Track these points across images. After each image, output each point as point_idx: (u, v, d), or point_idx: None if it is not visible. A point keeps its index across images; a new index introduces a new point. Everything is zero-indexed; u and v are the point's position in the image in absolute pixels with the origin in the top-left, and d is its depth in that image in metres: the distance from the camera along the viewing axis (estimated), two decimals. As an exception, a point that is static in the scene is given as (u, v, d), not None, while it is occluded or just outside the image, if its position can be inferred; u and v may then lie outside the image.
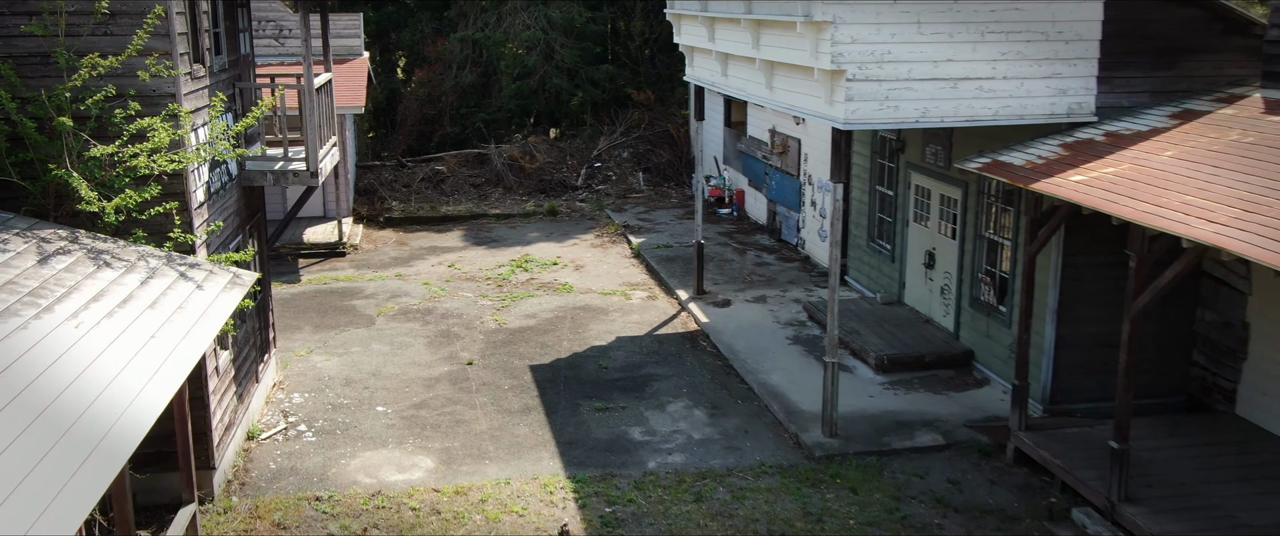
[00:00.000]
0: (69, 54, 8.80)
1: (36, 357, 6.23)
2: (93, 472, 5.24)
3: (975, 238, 13.77)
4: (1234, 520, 9.26)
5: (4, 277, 7.21)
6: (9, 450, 5.14)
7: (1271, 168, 8.84)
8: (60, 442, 5.43)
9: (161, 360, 6.81)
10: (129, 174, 8.95)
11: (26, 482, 4.91)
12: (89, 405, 5.91)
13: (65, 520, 4.75)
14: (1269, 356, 11.07)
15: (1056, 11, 10.89)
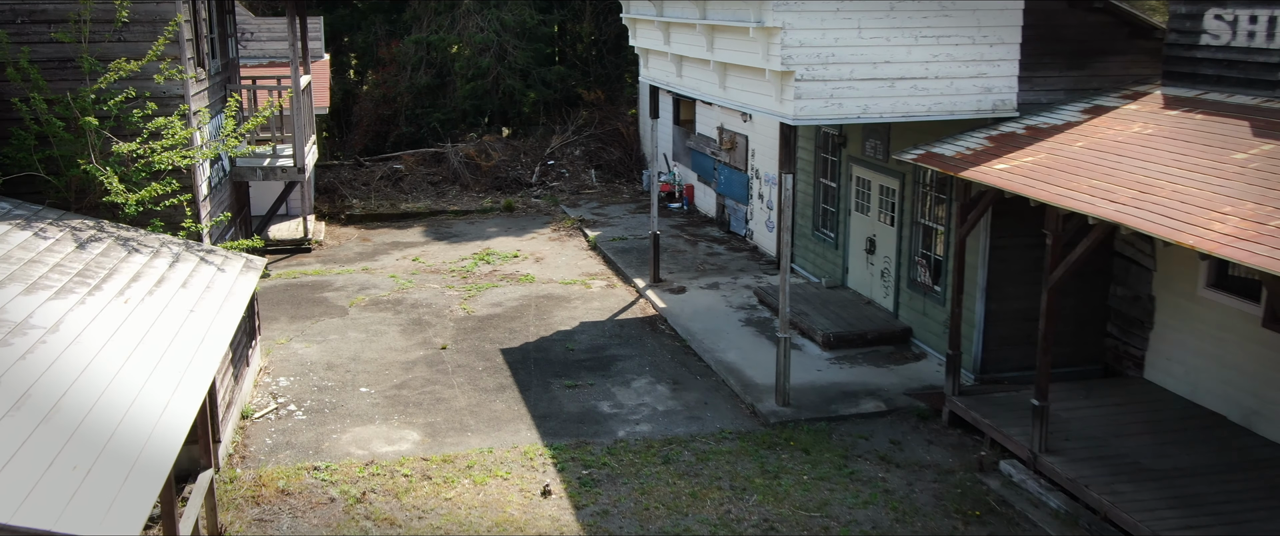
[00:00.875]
0: (92, 59, 9.60)
1: (102, 328, 7.09)
2: (184, 400, 6.14)
3: (912, 224, 15.00)
4: (1139, 466, 10.54)
5: (52, 260, 8.04)
6: (130, 371, 6.04)
7: (1167, 155, 10.12)
8: (150, 380, 6.32)
9: (204, 331, 7.70)
10: (146, 169, 9.77)
11: (149, 399, 5.81)
12: (160, 357, 6.80)
13: (187, 405, 5.66)
14: (1171, 326, 12.41)
15: (981, 18, 12.12)
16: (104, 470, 5.32)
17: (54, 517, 4.70)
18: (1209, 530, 9.31)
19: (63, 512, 4.77)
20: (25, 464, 5.13)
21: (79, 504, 4.89)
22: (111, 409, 6.02)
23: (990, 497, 10.75)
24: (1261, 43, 11.02)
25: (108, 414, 5.96)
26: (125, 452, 5.59)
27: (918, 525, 10.21)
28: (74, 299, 7.43)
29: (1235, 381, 11.54)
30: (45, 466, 5.16)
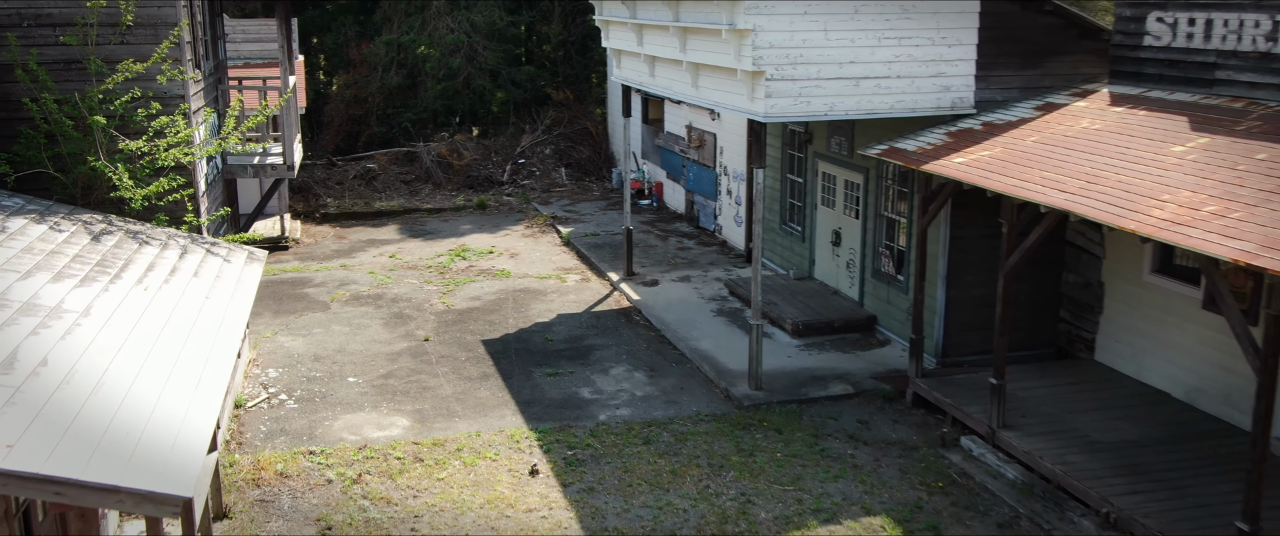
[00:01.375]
0: (98, 61, 10.05)
1: (128, 312, 7.59)
2: (216, 371, 6.66)
3: (876, 217, 15.71)
4: (1089, 439, 11.28)
5: (71, 251, 8.51)
6: (159, 352, 6.54)
7: (1112, 149, 10.86)
8: (185, 351, 6.83)
9: (221, 316, 8.20)
10: (150, 165, 10.23)
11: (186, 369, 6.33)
12: (188, 334, 7.31)
13: (219, 376, 6.18)
14: (1120, 310, 13.19)
15: (940, 20, 12.83)
16: (158, 428, 5.84)
17: (135, 465, 5.22)
18: (1153, 495, 10.05)
19: (139, 465, 5.29)
20: (91, 425, 5.66)
21: (150, 453, 5.41)
22: (151, 382, 6.53)
23: (952, 470, 11.46)
24: (1199, 44, 11.81)
25: (148, 387, 6.46)
26: (169, 421, 6.11)
27: (885, 496, 10.88)
28: (98, 286, 7.91)
29: (1178, 361, 12.32)
30: (103, 428, 5.67)
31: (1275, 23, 10.88)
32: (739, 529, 10.25)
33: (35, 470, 5.11)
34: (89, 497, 5.23)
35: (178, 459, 5.67)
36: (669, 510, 10.64)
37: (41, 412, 5.67)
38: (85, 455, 5.36)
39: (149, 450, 5.68)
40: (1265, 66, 11.04)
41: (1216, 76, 11.61)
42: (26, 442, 5.32)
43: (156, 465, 5.52)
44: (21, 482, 5.11)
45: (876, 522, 10.34)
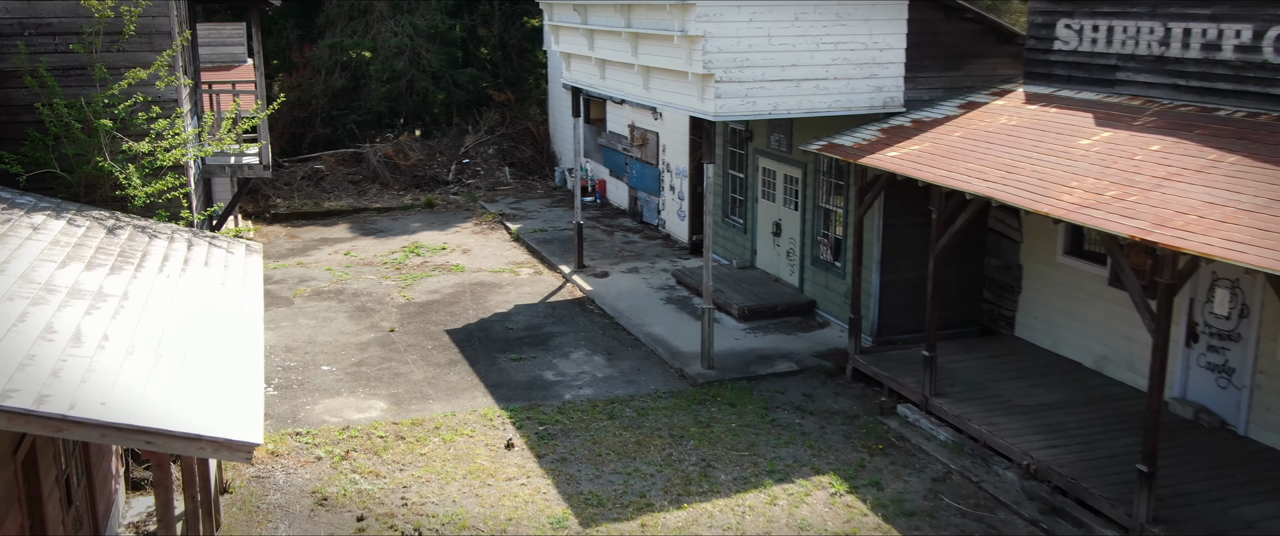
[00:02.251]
0: (104, 68, 10.75)
1: (160, 295, 8.39)
2: (251, 338, 7.50)
3: (814, 209, 16.91)
4: (1010, 403, 12.57)
5: (93, 243, 9.26)
6: (199, 328, 7.37)
7: (1028, 142, 12.15)
8: (220, 327, 7.66)
9: (241, 298, 9.03)
10: (150, 164, 10.97)
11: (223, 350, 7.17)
12: (218, 314, 8.14)
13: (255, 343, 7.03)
14: (1036, 289, 14.54)
15: (872, 27, 14.04)
16: (218, 390, 6.70)
17: (209, 417, 6.08)
18: (1067, 449, 11.34)
19: (206, 418, 6.14)
20: (166, 379, 6.51)
21: (217, 407, 6.26)
22: (201, 352, 7.37)
23: (890, 434, 12.66)
24: (1102, 48, 13.17)
25: (200, 356, 7.30)
26: (225, 383, 6.96)
27: (831, 458, 12.03)
28: (127, 274, 8.68)
29: (1088, 333, 13.69)
30: (174, 390, 6.51)
31: (1167, 30, 12.26)
32: (702, 489, 11.31)
33: (133, 422, 5.95)
34: (175, 445, 6.08)
35: (242, 413, 6.54)
36: (637, 475, 11.67)
37: (117, 378, 6.48)
38: (165, 411, 6.20)
39: (216, 407, 6.53)
40: (1159, 68, 12.41)
41: (1117, 77, 12.98)
42: (114, 401, 6.14)
43: (226, 418, 6.38)
44: (120, 433, 5.94)
45: (825, 480, 11.48)
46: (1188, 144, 10.80)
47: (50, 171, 10.69)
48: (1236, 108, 11.43)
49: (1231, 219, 8.93)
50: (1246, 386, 11.58)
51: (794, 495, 11.14)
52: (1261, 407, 11.46)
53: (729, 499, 11.08)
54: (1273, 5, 11.06)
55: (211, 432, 6.10)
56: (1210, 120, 11.33)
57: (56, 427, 5.82)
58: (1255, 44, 11.26)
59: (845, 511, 10.80)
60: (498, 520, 10.70)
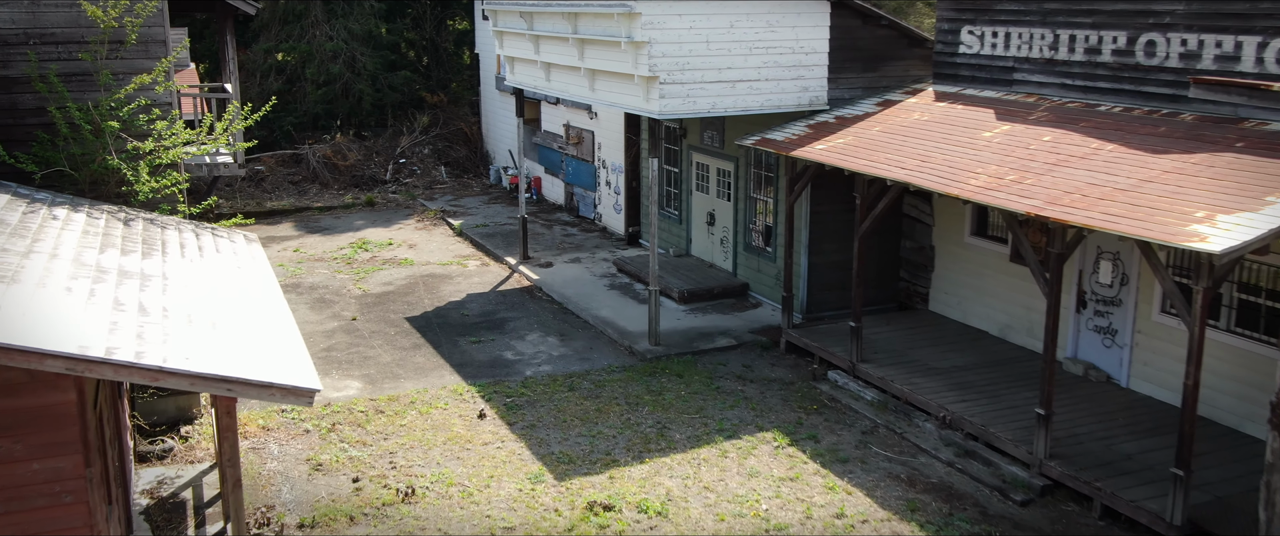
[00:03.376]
0: (108, 74, 11.71)
1: (192, 276, 9.48)
2: (284, 325, 8.63)
3: (746, 199, 18.42)
4: (927, 367, 14.20)
5: (118, 233, 10.28)
6: (238, 301, 8.48)
7: (938, 135, 13.78)
8: (253, 300, 8.77)
9: (258, 277, 10.14)
10: (151, 162, 11.96)
11: (261, 319, 8.30)
12: (245, 290, 9.26)
13: (287, 312, 8.18)
14: (947, 267, 16.24)
15: (799, 34, 15.57)
16: (273, 349, 7.85)
17: (274, 369, 7.23)
18: (976, 402, 12.98)
19: (271, 369, 7.30)
20: (225, 342, 7.63)
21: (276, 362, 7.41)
22: (248, 321, 8.50)
23: (822, 396, 14.20)
24: (1001, 51, 14.89)
25: (248, 323, 8.44)
26: (276, 343, 8.11)
27: (772, 417, 13.52)
28: (157, 258, 9.74)
29: (992, 305, 15.41)
30: (238, 350, 7.65)
31: (1056, 36, 14.01)
32: (660, 446, 12.69)
33: (217, 372, 7.09)
34: (252, 391, 7.23)
35: (298, 367, 7.71)
36: (601, 437, 13.00)
37: (188, 340, 7.59)
38: (238, 364, 7.35)
39: (275, 362, 7.69)
40: (1049, 69, 14.16)
41: (1014, 77, 14.71)
42: (195, 357, 7.26)
43: (288, 370, 7.54)
44: (206, 381, 7.07)
45: (768, 436, 12.95)
46: (1074, 134, 12.52)
47: (60, 170, 11.61)
48: (1114, 103, 13.21)
49: (1109, 196, 10.60)
50: (1127, 345, 13.37)
51: (742, 448, 12.59)
52: (1140, 363, 13.25)
53: (685, 453, 12.48)
54: (1142, 16, 12.85)
55: (281, 381, 7.29)
56: (1093, 114, 13.08)
57: (154, 377, 6.95)
58: (1129, 49, 13.05)
59: (788, 460, 12.28)
60: (481, 478, 11.94)
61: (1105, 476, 11.01)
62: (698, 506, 11.21)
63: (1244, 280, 11.90)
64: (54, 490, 7.23)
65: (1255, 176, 10.13)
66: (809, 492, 11.49)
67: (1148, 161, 11.21)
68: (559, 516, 11.02)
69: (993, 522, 10.85)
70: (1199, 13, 12.19)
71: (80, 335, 7.02)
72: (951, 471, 12.02)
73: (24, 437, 7.09)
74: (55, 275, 8.25)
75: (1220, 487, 10.66)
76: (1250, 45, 11.63)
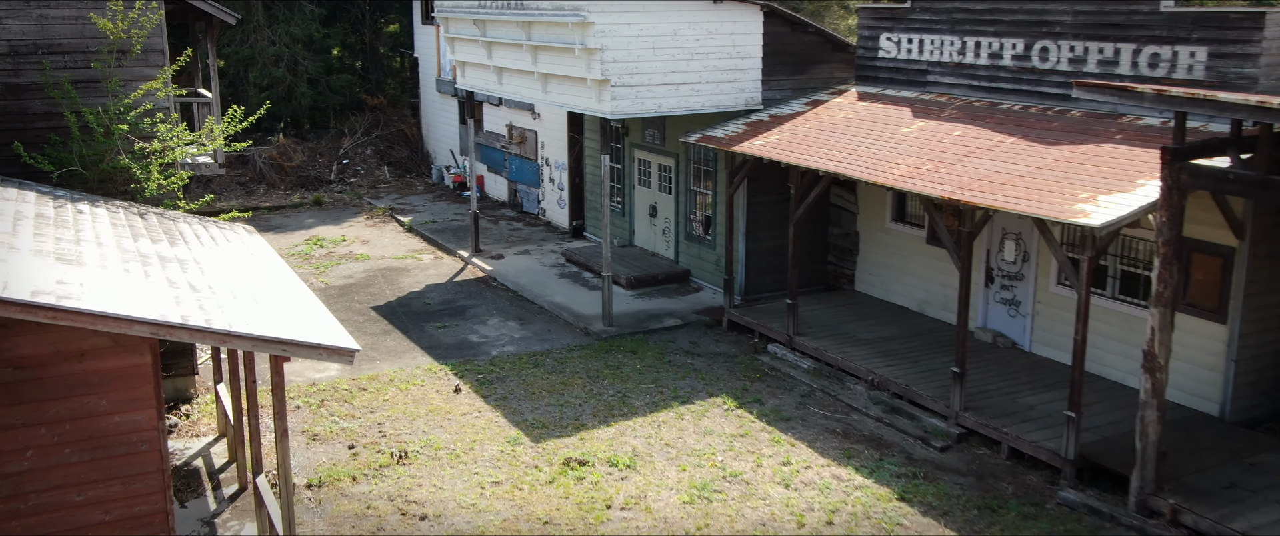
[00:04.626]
0: (117, 81, 12.79)
1: (220, 258, 10.70)
2: (308, 299, 9.89)
3: (687, 192, 19.99)
4: (856, 338, 15.91)
5: (139, 225, 11.42)
6: (266, 280, 9.72)
7: (862, 131, 15.49)
8: (275, 280, 10.01)
9: (271, 263, 11.37)
10: (157, 162, 13.07)
11: (288, 295, 9.56)
12: (266, 272, 10.50)
13: (312, 302, 9.45)
14: (870, 251, 17.99)
15: (735, 41, 17.17)
16: (311, 317, 9.14)
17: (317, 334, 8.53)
18: (900, 366, 14.71)
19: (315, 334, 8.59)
20: (269, 313, 8.91)
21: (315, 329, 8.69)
22: (280, 296, 9.76)
23: (764, 367, 15.81)
24: (916, 56, 16.67)
25: (282, 298, 9.69)
26: (311, 313, 9.39)
27: (721, 385, 15.08)
28: (182, 246, 10.92)
29: (911, 283, 17.20)
30: (285, 316, 8.93)
31: (964, 43, 15.81)
32: (623, 411, 14.17)
33: (275, 335, 8.37)
34: (303, 351, 8.52)
35: (336, 332, 9.02)
36: (568, 405, 14.43)
37: (239, 310, 8.84)
38: (286, 330, 8.63)
39: (316, 328, 8.98)
40: (958, 72, 15.97)
41: (928, 79, 16.50)
42: (253, 324, 8.52)
43: (329, 334, 8.85)
44: (266, 343, 8.34)
45: (718, 400, 14.52)
46: (980, 129, 14.31)
47: (73, 169, 12.67)
48: (1014, 102, 15.04)
49: (1010, 182, 12.37)
50: (1029, 314, 15.23)
51: (696, 411, 14.14)
52: (1040, 329, 15.11)
53: (645, 417, 13.99)
54: (1037, 26, 14.70)
55: (327, 342, 8.61)
56: (996, 112, 14.90)
57: (225, 340, 8.22)
58: (1026, 54, 14.89)
59: (737, 420, 13.85)
60: (465, 442, 13.29)
61: (1011, 423, 12.79)
62: (661, 460, 12.72)
63: (1124, 253, 13.80)
64: (133, 440, 8.45)
65: (1130, 163, 11.97)
66: (758, 445, 13.08)
67: (1042, 152, 13.02)
68: (540, 471, 12.44)
69: (917, 465, 12.55)
70: (1084, 24, 14.07)
71: (155, 306, 8.26)
72: (880, 425, 13.72)
73: (108, 395, 8.31)
74: (109, 259, 9.43)
75: (1106, 429, 12.50)
76: (1126, 52, 13.53)
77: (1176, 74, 13.01)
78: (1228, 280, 12.56)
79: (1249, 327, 12.55)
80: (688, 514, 11.39)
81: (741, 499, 11.72)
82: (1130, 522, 10.92)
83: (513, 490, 11.99)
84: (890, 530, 11.01)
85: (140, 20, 12.89)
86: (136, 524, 8.61)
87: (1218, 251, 12.58)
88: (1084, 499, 11.40)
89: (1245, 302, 12.45)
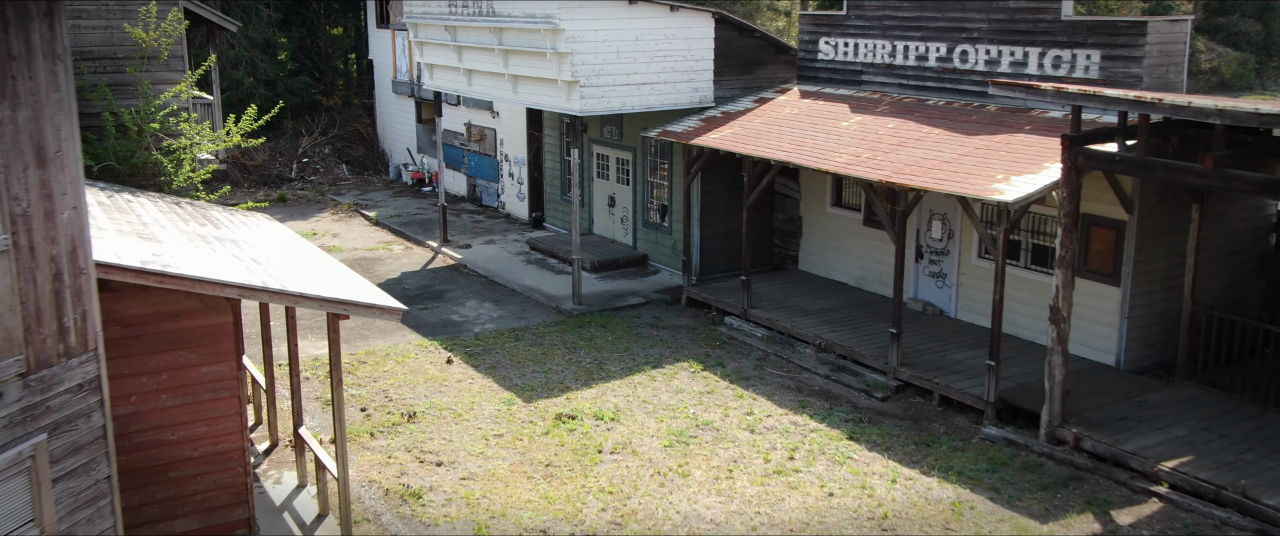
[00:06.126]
0: (148, 83, 14.22)
1: (258, 238, 12.24)
2: (345, 272, 11.48)
3: (644, 183, 21.81)
4: (803, 309, 17.89)
5: (181, 212, 12.91)
6: (305, 256, 11.29)
7: (806, 125, 17.46)
8: (320, 264, 11.59)
9: (300, 243, 12.93)
10: (183, 157, 14.52)
11: (328, 268, 11.16)
12: (299, 250, 12.08)
13: (348, 273, 11.07)
14: (812, 234, 20.00)
15: (690, 46, 19.05)
16: (357, 285, 10.76)
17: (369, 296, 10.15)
18: (843, 332, 16.70)
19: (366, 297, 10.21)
20: (321, 279, 10.53)
21: (364, 293, 10.31)
22: (324, 270, 11.36)
23: (722, 336, 17.71)
24: (851, 58, 18.70)
25: (326, 272, 11.29)
26: (354, 282, 11.01)
27: (686, 352, 16.94)
28: (225, 229, 12.44)
29: (850, 262, 19.24)
30: (337, 284, 10.54)
31: (894, 46, 17.88)
32: (601, 376, 15.95)
33: (336, 297, 9.98)
34: (359, 310, 10.13)
35: (382, 296, 10.65)
36: (552, 372, 16.17)
37: (300, 278, 10.42)
38: (343, 293, 10.25)
39: (365, 292, 10.60)
40: (889, 72, 18.03)
41: (862, 78, 18.54)
42: (317, 288, 10.12)
43: (377, 297, 10.48)
44: (328, 303, 9.93)
45: (685, 364, 16.37)
46: (910, 123, 16.36)
47: (108, 164, 14.08)
48: (939, 98, 17.14)
49: (938, 167, 14.41)
50: (954, 285, 17.34)
51: (666, 374, 15.97)
52: (964, 299, 17.23)
53: (622, 380, 15.78)
54: (957, 32, 16.80)
55: (380, 302, 10.27)
56: (924, 107, 16.97)
57: (296, 300, 9.84)
58: (949, 56, 16.99)
59: (704, 380, 15.72)
60: (464, 403, 14.96)
61: (941, 375, 14.84)
62: (640, 413, 14.53)
63: (1034, 229, 15.94)
64: (216, 387, 10.02)
65: (1037, 150, 14.09)
66: (723, 400, 14.96)
67: (964, 141, 15.09)
68: (535, 425, 14.16)
69: (862, 412, 14.53)
70: (997, 30, 16.20)
71: (234, 273, 9.85)
72: (828, 382, 15.69)
73: (197, 349, 9.88)
74: (177, 238, 10.97)
75: (1021, 378, 14.61)
76: (1033, 55, 15.68)
77: (1075, 73, 15.19)
78: (1120, 249, 14.74)
79: (1138, 289, 14.76)
80: (669, 454, 13.22)
81: (714, 442, 13.58)
82: (1041, 450, 13.01)
83: (514, 440, 13.70)
84: (842, 462, 12.96)
85: (168, 30, 14.32)
86: (219, 459, 10.18)
87: (1112, 225, 14.77)
88: (1003, 433, 13.47)
89: (1135, 268, 14.65)
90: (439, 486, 12.45)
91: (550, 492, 12.27)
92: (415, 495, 12.22)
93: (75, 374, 6.92)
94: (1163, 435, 12.72)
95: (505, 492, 12.28)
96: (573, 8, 17.83)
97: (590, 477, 12.63)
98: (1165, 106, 11.25)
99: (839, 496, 12.11)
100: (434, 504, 12.03)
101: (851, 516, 11.66)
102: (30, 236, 6.50)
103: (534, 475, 12.72)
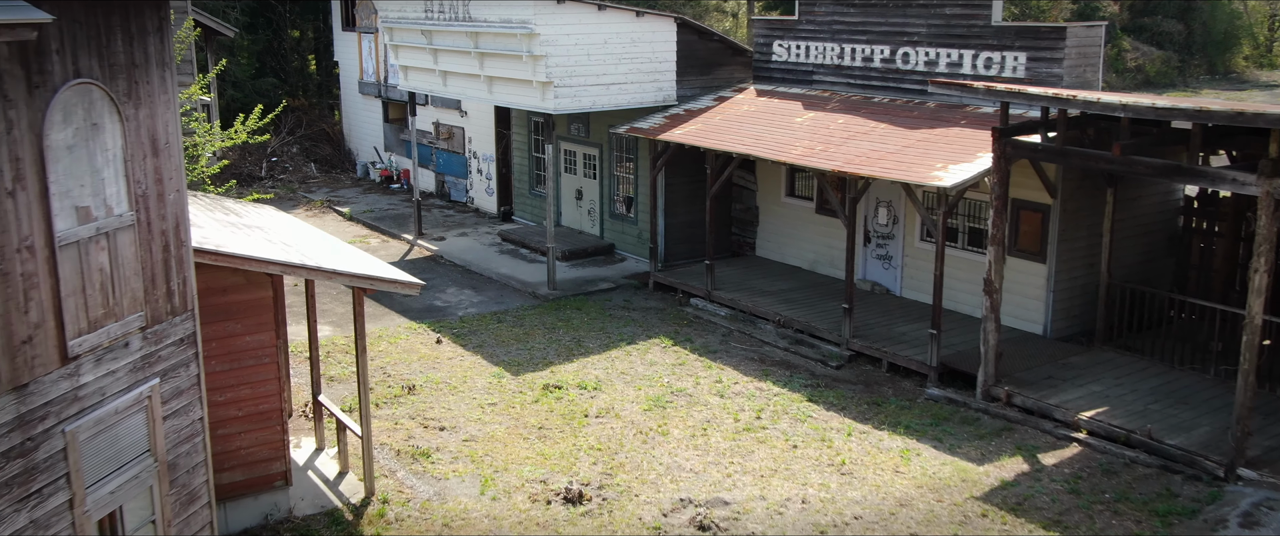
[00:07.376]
0: (162, 86, 15.40)
1: (277, 224, 13.54)
2: (361, 254, 12.82)
3: (610, 177, 23.30)
4: (762, 291, 19.49)
5: (204, 202, 14.16)
6: (324, 241, 12.61)
7: (764, 121, 19.05)
8: (338, 247, 12.89)
9: (316, 231, 14.24)
10: (196, 153, 15.73)
11: (346, 250, 12.49)
12: (315, 236, 13.40)
13: (364, 255, 12.42)
14: (768, 222, 21.63)
15: (655, 49, 20.57)
16: (374, 265, 12.10)
17: (390, 274, 11.51)
18: (800, 309, 18.33)
19: (386, 273, 11.57)
20: (345, 259, 11.87)
21: (385, 271, 11.65)
22: (344, 254, 12.69)
23: (689, 316, 19.26)
24: (803, 59, 20.34)
25: (347, 256, 12.62)
26: (369, 261, 12.36)
27: (657, 330, 18.45)
28: (246, 217, 13.72)
29: (804, 247, 20.89)
30: (358, 264, 11.88)
31: (842, 48, 19.55)
32: (581, 352, 17.41)
33: (363, 272, 11.33)
34: (383, 285, 11.48)
35: (400, 273, 12.02)
36: (535, 349, 17.60)
37: (327, 258, 11.75)
38: (369, 269, 11.60)
39: (385, 271, 11.95)
40: (838, 72, 19.70)
41: (814, 78, 20.20)
42: (344, 265, 11.46)
43: (400, 274, 11.84)
44: (355, 278, 11.27)
45: (657, 341, 17.89)
46: (858, 118, 18.03)
47: (126, 160, 15.24)
48: (884, 96, 18.83)
49: (883, 158, 16.07)
50: (899, 266, 19.04)
51: (640, 349, 17.48)
52: (908, 278, 18.95)
53: (600, 355, 17.26)
54: (899, 36, 18.51)
55: (401, 278, 11.66)
56: (871, 104, 18.66)
57: (329, 276, 11.19)
58: (892, 58, 18.69)
59: (675, 354, 17.25)
60: (458, 377, 16.34)
61: (889, 345, 16.51)
62: (620, 383, 16.02)
63: (970, 214, 17.68)
64: (259, 354, 11.34)
65: (972, 142, 15.80)
66: (694, 370, 16.50)
67: (907, 134, 16.78)
68: (525, 395, 15.60)
69: (819, 379, 16.16)
70: (936, 34, 17.92)
71: (273, 253, 11.17)
72: (788, 353, 17.30)
73: (240, 320, 11.18)
74: (211, 224, 12.25)
75: (960, 346, 16.32)
76: (968, 56, 17.42)
77: (1005, 73, 16.95)
78: (1046, 230, 16.52)
79: (1062, 266, 16.55)
80: (649, 416, 14.73)
81: (688, 405, 15.11)
82: (978, 406, 14.72)
83: (507, 408, 15.13)
84: (803, 420, 14.56)
85: (181, 37, 15.53)
86: (261, 418, 11.50)
87: (1038, 208, 16.54)
88: (945, 393, 15.17)
89: (1059, 247, 16.44)
90: (444, 447, 13.85)
91: (545, 450, 13.72)
92: (424, 454, 13.60)
93: (178, 329, 8.23)
94: (1082, 391, 14.48)
95: (505, 451, 13.71)
96: (547, 12, 19.27)
97: (580, 437, 14.10)
98: (1080, 102, 12.99)
99: (802, 448, 13.70)
100: (442, 461, 13.43)
101: (814, 463, 13.26)
102: (148, 213, 7.81)
103: (529, 436, 14.16)
